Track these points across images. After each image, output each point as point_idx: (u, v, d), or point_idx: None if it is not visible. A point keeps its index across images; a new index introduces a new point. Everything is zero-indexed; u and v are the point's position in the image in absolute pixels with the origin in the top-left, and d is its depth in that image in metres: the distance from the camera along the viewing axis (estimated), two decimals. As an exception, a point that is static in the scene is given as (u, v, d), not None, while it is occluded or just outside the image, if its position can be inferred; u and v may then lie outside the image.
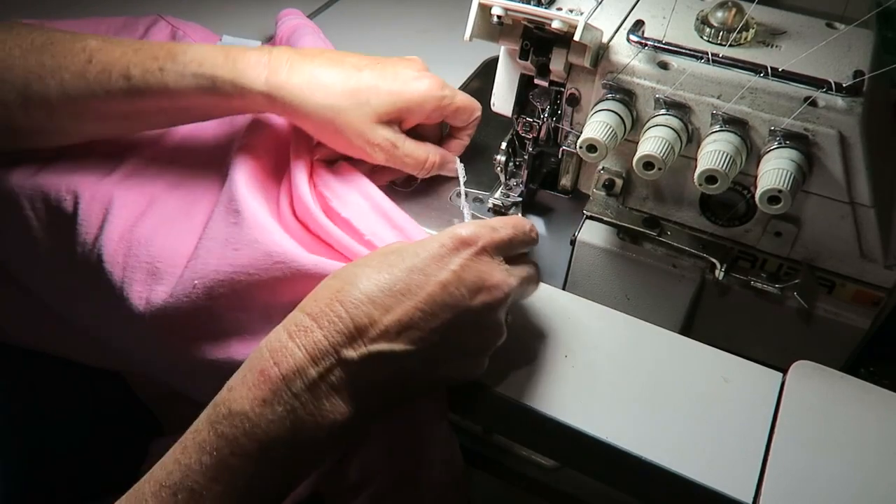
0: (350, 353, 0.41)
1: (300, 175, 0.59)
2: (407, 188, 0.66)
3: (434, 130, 0.64)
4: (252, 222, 0.54)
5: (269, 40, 0.81)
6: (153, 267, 0.57)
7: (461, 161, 0.63)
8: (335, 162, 0.61)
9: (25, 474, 0.75)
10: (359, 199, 0.58)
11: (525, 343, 0.52)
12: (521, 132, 0.60)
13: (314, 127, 0.57)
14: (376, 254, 0.46)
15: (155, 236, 0.58)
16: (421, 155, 0.60)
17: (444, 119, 0.62)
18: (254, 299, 0.53)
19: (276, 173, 0.62)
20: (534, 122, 0.59)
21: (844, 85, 0.46)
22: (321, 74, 0.56)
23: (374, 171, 0.62)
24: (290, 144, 0.61)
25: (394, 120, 0.58)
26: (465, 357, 0.46)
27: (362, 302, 0.42)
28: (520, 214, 0.62)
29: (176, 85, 0.55)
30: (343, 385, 0.41)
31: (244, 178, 0.58)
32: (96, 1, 0.86)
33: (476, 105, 0.62)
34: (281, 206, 0.59)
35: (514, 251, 0.48)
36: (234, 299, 0.53)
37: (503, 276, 0.45)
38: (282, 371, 0.40)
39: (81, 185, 0.61)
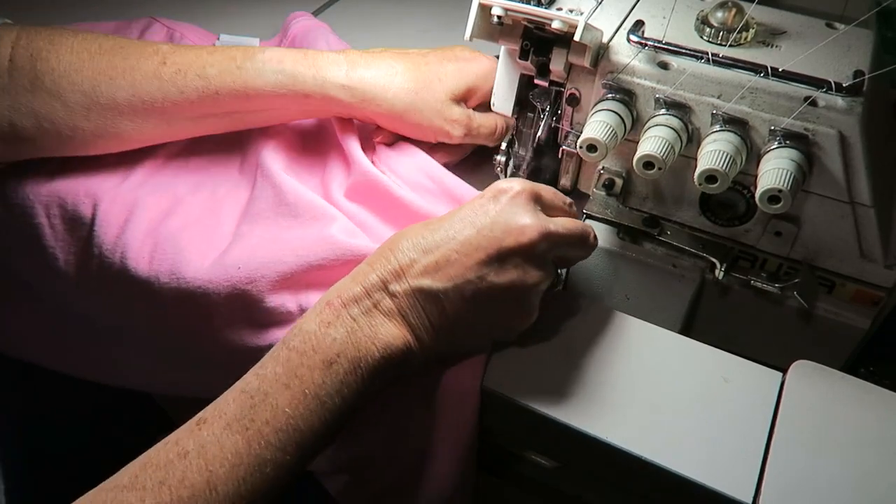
0: (396, 287, 0.47)
1: (359, 155, 0.61)
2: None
3: (488, 107, 0.65)
4: (311, 211, 0.57)
5: (270, 39, 0.81)
6: (183, 259, 0.57)
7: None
8: (392, 144, 0.65)
9: (26, 473, 0.75)
10: (423, 178, 0.62)
11: (525, 343, 0.52)
12: (521, 128, 0.60)
13: (394, 115, 0.61)
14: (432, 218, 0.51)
15: (182, 234, 0.58)
16: (492, 123, 0.63)
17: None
18: (307, 284, 0.55)
19: (310, 161, 0.64)
20: (535, 116, 0.59)
21: (844, 85, 0.46)
22: (393, 65, 0.60)
23: (432, 152, 0.65)
24: (316, 135, 0.64)
25: (463, 97, 0.62)
26: (505, 302, 0.48)
27: (409, 248, 0.48)
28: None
29: (255, 82, 0.57)
30: (393, 313, 0.47)
31: (282, 167, 0.60)
32: (91, 3, 0.86)
33: None
34: (331, 190, 0.61)
35: (554, 208, 0.51)
36: (281, 284, 0.55)
37: (537, 219, 0.48)
38: (343, 300, 0.46)
39: (101, 190, 0.61)
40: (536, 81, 0.57)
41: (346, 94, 0.59)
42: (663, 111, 0.51)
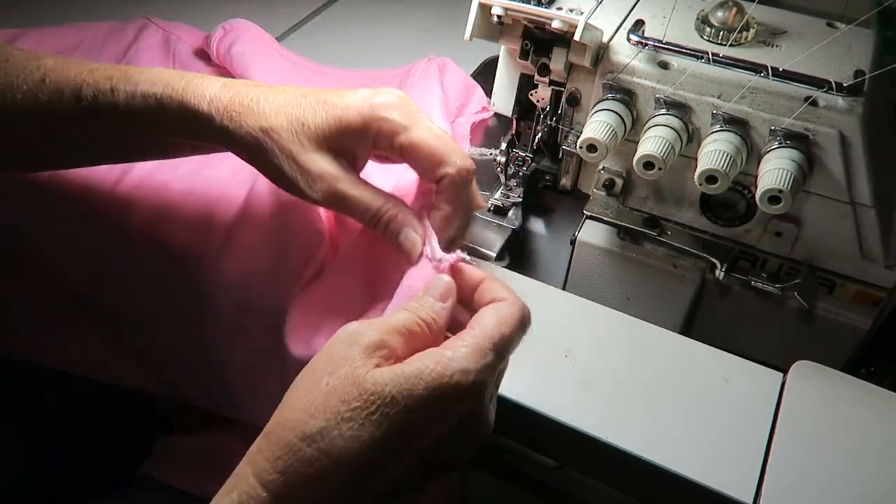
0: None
1: None
2: None
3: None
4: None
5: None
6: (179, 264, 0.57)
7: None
8: None
9: (28, 472, 0.75)
10: None
11: (525, 343, 0.52)
12: (521, 129, 0.60)
13: (250, 157, 0.48)
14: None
15: (175, 237, 0.58)
16: (369, 200, 0.46)
17: (405, 160, 0.48)
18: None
19: None
20: (535, 118, 0.59)
21: (845, 84, 0.46)
22: (264, 98, 0.48)
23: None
24: None
25: (338, 149, 0.47)
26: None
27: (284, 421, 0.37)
28: (520, 214, 0.62)
29: (126, 105, 0.49)
30: None
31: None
32: (87, 4, 0.86)
33: (443, 152, 0.46)
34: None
35: (416, 338, 0.40)
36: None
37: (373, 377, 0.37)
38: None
39: (95, 193, 0.61)
40: (536, 81, 0.57)
41: (207, 125, 0.48)
42: (663, 111, 0.51)
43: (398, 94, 0.47)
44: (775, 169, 0.47)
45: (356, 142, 0.47)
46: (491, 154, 0.63)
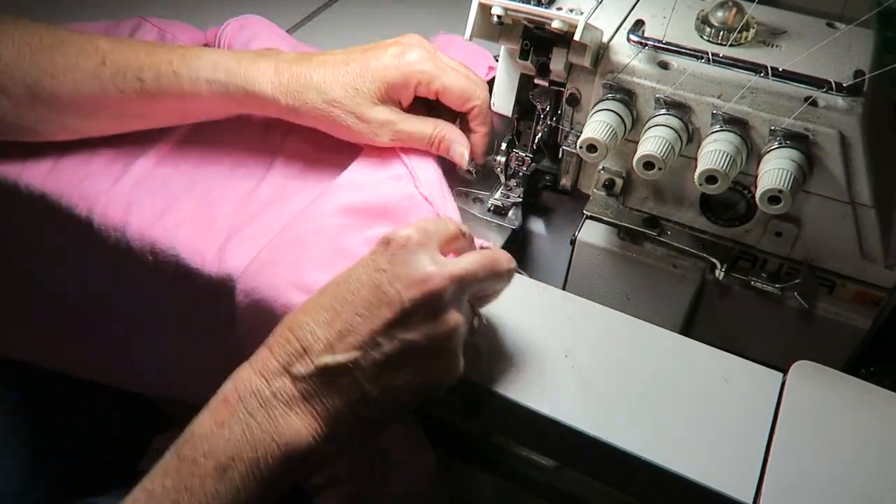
0: (299, 370, 0.42)
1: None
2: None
3: (449, 113, 0.61)
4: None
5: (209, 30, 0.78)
6: (181, 261, 0.57)
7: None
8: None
9: (27, 471, 0.75)
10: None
11: (525, 343, 0.52)
12: (520, 129, 0.60)
13: (321, 124, 0.59)
14: (325, 284, 0.46)
15: (178, 233, 0.58)
16: (424, 129, 0.59)
17: (441, 99, 0.60)
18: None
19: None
20: (535, 118, 0.59)
21: (845, 85, 0.46)
22: (315, 75, 0.57)
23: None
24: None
25: (388, 99, 0.58)
26: (424, 358, 0.44)
27: (306, 323, 0.43)
28: (520, 214, 0.62)
29: (190, 88, 0.58)
30: (296, 401, 0.42)
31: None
32: (80, 4, 0.85)
33: (471, 89, 0.59)
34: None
35: (450, 241, 0.47)
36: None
37: (437, 265, 0.44)
38: (239, 394, 0.42)
39: (94, 192, 0.61)
40: (536, 81, 0.57)
41: (274, 105, 0.58)
42: (663, 111, 0.51)
43: (423, 48, 0.58)
44: (775, 169, 0.47)
45: (401, 92, 0.58)
46: (491, 154, 0.63)
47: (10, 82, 0.57)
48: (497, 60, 0.61)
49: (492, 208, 0.63)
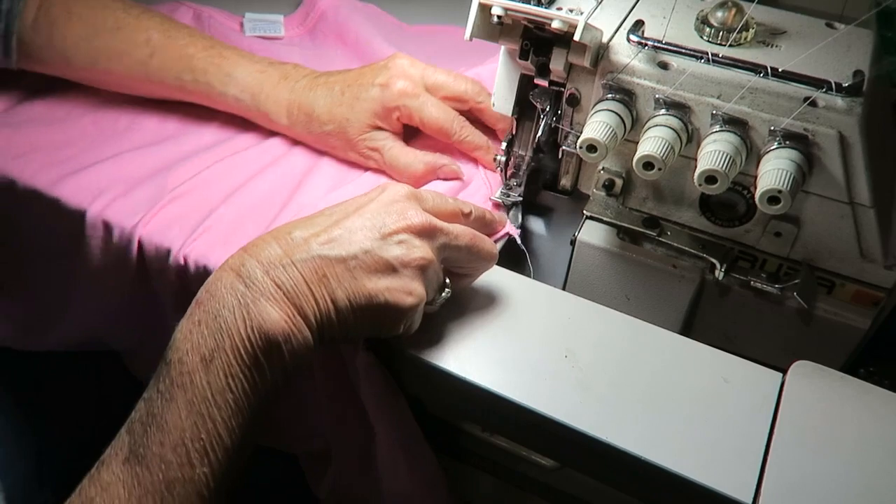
0: (274, 261, 0.45)
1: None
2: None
3: (414, 131, 0.68)
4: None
5: (294, 14, 0.84)
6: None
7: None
8: None
9: (29, 471, 0.75)
10: None
11: (525, 343, 0.52)
12: (521, 131, 0.60)
13: (326, 148, 0.68)
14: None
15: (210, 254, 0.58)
16: (402, 161, 0.64)
17: (423, 131, 0.66)
18: None
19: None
20: (535, 118, 0.59)
21: (844, 85, 0.46)
22: (317, 107, 0.65)
23: None
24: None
25: (378, 128, 0.65)
26: (391, 278, 0.47)
27: (287, 230, 0.46)
28: (520, 214, 0.62)
29: (220, 97, 0.68)
30: (270, 289, 0.44)
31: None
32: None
33: (448, 125, 0.64)
34: None
35: (445, 214, 0.51)
36: None
37: (422, 212, 0.48)
38: (211, 291, 0.44)
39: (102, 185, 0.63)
40: (536, 81, 0.57)
41: (288, 129, 0.68)
42: (663, 111, 0.51)
43: (409, 78, 0.64)
44: (775, 169, 0.47)
45: (386, 121, 0.65)
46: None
47: (74, 54, 0.68)
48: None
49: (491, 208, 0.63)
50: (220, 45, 0.68)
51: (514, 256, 0.61)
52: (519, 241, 0.59)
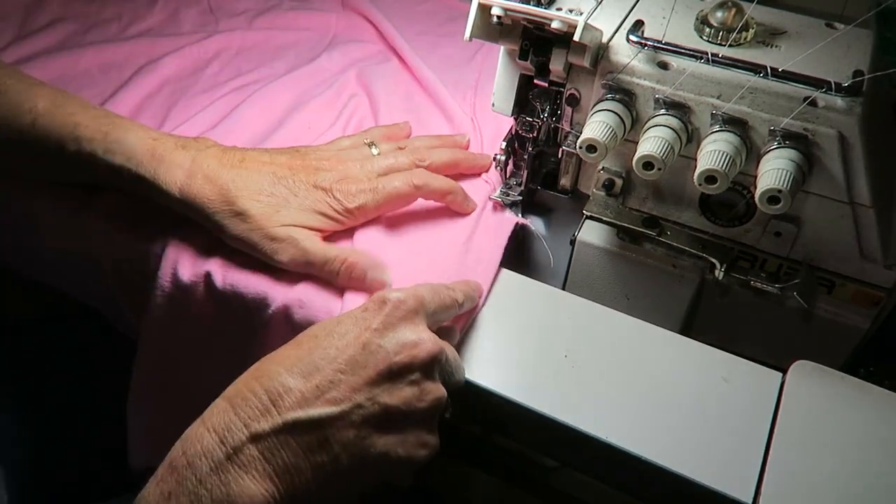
0: (262, 426, 0.39)
1: None
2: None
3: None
4: None
5: None
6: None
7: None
8: None
9: (30, 472, 0.75)
10: None
11: (525, 343, 0.52)
12: (520, 132, 0.60)
13: (224, 236, 0.55)
14: (301, 334, 0.44)
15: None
16: (319, 255, 0.52)
17: None
18: None
19: None
20: (534, 121, 0.59)
21: (844, 85, 0.46)
22: (233, 183, 0.54)
23: None
24: None
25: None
26: (404, 427, 0.43)
27: (278, 374, 0.40)
28: (520, 214, 0.62)
29: (106, 167, 0.56)
30: (254, 462, 0.38)
31: None
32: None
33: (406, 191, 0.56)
34: None
35: (443, 310, 0.47)
36: None
37: (428, 335, 0.44)
38: (188, 458, 0.38)
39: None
40: (536, 81, 0.57)
41: (180, 207, 0.55)
42: (663, 111, 0.51)
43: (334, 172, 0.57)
44: (774, 169, 0.47)
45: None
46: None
47: None
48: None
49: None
50: (115, 115, 0.59)
51: (515, 256, 0.61)
52: (533, 228, 0.60)
